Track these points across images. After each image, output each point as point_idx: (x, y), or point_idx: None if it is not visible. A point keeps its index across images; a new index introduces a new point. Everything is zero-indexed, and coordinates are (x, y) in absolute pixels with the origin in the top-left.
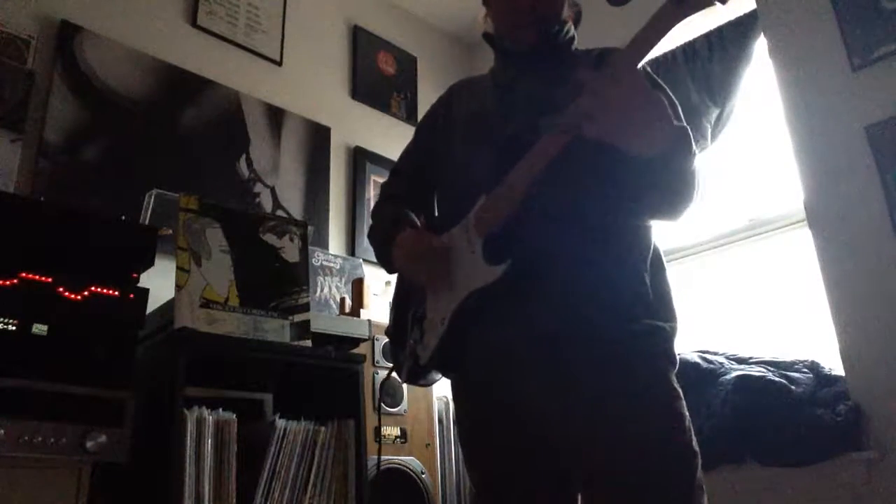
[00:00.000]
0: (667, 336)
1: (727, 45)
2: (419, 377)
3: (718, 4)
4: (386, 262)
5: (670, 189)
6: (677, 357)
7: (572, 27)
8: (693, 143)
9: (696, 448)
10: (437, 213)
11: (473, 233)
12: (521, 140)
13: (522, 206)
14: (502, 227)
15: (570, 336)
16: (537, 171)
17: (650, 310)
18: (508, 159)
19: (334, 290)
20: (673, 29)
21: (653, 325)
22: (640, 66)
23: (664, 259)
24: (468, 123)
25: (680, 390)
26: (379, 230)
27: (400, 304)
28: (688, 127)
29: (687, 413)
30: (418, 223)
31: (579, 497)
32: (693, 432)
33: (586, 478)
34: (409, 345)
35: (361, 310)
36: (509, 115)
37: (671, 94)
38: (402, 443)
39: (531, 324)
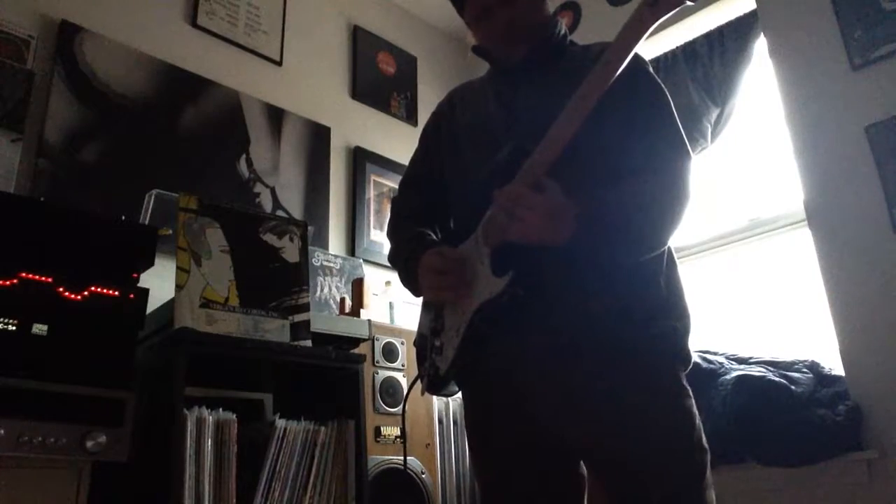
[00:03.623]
0: (680, 335)
1: (727, 45)
2: (439, 388)
3: (689, 2)
4: (413, 289)
5: (638, 248)
6: (691, 355)
7: (561, 24)
8: (633, 222)
9: (706, 445)
10: (451, 225)
11: (482, 245)
12: (525, 150)
13: None
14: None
15: (583, 339)
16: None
17: (665, 310)
18: (514, 171)
19: (334, 290)
20: (650, 31)
21: (667, 324)
22: (637, 62)
23: (675, 256)
24: (472, 135)
25: (689, 389)
26: (400, 258)
27: (424, 315)
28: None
29: (696, 411)
30: (435, 238)
31: (586, 494)
32: (702, 430)
33: (594, 475)
34: (430, 356)
35: (361, 310)
36: (512, 128)
37: (668, 95)
38: (401, 443)
39: (543, 330)
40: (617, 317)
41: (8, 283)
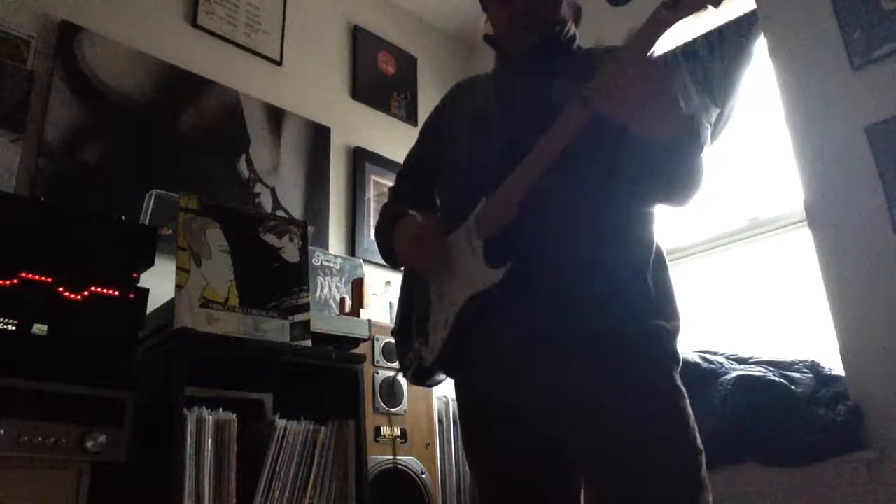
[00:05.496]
0: (670, 335)
1: (727, 45)
2: (425, 379)
3: (711, 7)
4: (389, 255)
5: (678, 174)
6: (680, 356)
7: (573, 26)
8: (701, 134)
9: (701, 446)
10: (440, 215)
11: (475, 235)
12: (520, 142)
13: (521, 207)
14: (502, 229)
15: (572, 337)
16: (536, 174)
17: (653, 309)
18: (509, 162)
19: (334, 290)
20: (667, 32)
21: (655, 324)
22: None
23: (666, 258)
24: (471, 125)
25: (684, 389)
26: (383, 226)
27: (405, 305)
28: (697, 117)
29: (691, 411)
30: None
31: (581, 496)
32: (697, 430)
33: (589, 476)
34: (415, 347)
35: (361, 310)
36: (510, 117)
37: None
38: (402, 443)
39: (533, 325)
40: (604, 312)
41: (8, 283)
